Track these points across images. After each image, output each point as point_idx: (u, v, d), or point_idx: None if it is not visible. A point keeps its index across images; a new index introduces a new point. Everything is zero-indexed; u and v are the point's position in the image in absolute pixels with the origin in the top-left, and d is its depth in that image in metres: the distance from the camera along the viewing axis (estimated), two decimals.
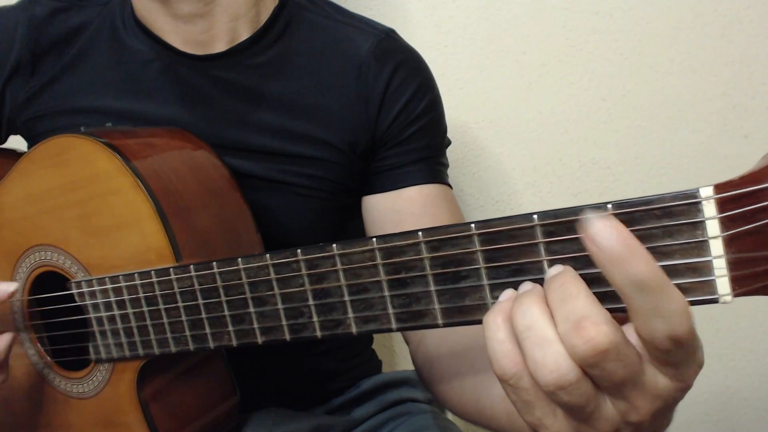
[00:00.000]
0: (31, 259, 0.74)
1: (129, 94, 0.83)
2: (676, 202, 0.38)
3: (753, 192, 0.37)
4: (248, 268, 0.54)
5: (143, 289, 0.62)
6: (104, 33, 0.85)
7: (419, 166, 0.84)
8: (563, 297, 0.38)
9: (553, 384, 0.38)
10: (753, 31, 1.21)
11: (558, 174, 1.30)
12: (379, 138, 0.84)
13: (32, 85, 0.84)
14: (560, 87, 1.26)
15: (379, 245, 0.46)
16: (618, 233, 0.35)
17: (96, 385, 0.72)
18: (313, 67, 0.84)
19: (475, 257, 0.43)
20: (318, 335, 0.51)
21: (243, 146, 0.81)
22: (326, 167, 0.83)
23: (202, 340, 0.59)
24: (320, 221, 0.85)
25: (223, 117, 0.82)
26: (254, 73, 0.83)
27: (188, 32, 0.81)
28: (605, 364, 0.37)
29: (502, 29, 1.25)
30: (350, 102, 0.83)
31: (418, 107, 0.84)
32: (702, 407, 1.39)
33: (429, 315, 0.46)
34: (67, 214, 0.71)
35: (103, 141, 0.68)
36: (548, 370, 0.38)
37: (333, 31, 0.86)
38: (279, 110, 0.82)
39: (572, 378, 0.38)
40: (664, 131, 1.26)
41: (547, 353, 0.38)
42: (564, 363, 0.38)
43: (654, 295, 0.36)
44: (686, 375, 0.39)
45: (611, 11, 1.23)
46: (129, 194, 0.66)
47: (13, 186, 0.76)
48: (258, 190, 0.80)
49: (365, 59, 0.83)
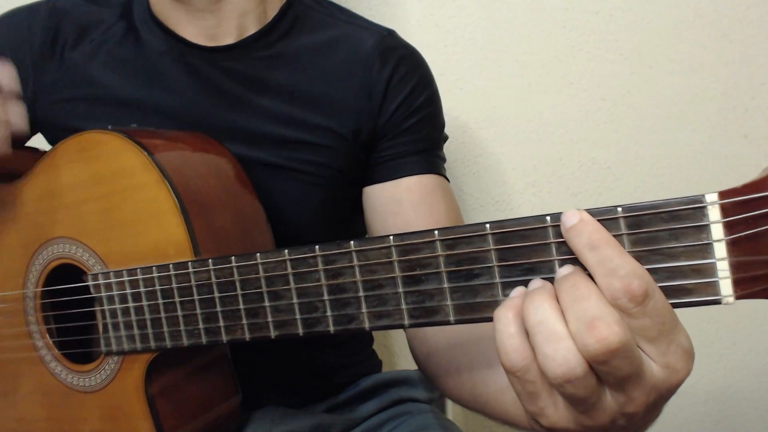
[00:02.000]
0: (49, 251, 0.76)
1: (143, 84, 0.86)
2: (682, 206, 0.40)
3: (756, 199, 0.39)
4: (266, 263, 0.55)
5: (160, 282, 0.63)
6: (123, 26, 0.89)
7: (417, 157, 0.87)
8: (575, 297, 0.41)
9: (561, 377, 0.41)
10: (753, 31, 1.22)
11: (558, 174, 1.30)
12: (381, 129, 0.87)
13: (52, 73, 0.88)
14: (560, 87, 1.27)
15: (396, 243, 0.48)
16: (578, 214, 0.41)
17: (103, 379, 0.73)
18: (318, 59, 0.87)
19: (489, 256, 0.45)
20: (331, 330, 0.53)
21: (250, 133, 0.84)
22: (331, 155, 0.85)
23: (216, 333, 0.60)
24: (325, 210, 0.87)
25: (230, 104, 0.85)
26: (261, 63, 0.86)
27: (199, 26, 0.85)
28: (614, 361, 0.40)
29: (502, 29, 1.26)
30: (355, 92, 0.86)
31: (417, 100, 0.88)
32: (702, 407, 1.40)
33: (441, 312, 0.47)
34: (90, 208, 0.72)
35: (129, 137, 0.70)
36: (557, 363, 0.40)
37: (338, 28, 0.90)
38: (285, 98, 0.85)
39: (580, 372, 0.40)
40: (664, 131, 1.26)
41: (557, 348, 0.41)
42: (573, 358, 0.40)
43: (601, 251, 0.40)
44: (672, 358, 0.41)
45: (611, 11, 1.23)
46: (153, 189, 0.67)
47: (38, 180, 0.77)
48: (263, 176, 0.82)
49: (370, 54, 0.87)
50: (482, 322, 0.46)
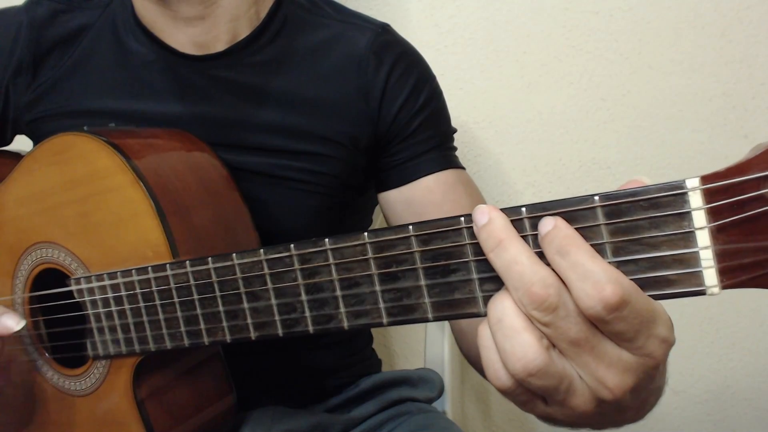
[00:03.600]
0: (33, 256, 0.75)
1: (131, 95, 0.83)
2: (662, 193, 0.38)
3: (740, 183, 0.37)
4: (242, 264, 0.54)
5: (140, 285, 0.63)
6: (106, 35, 0.85)
7: (431, 155, 0.85)
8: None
9: (521, 371, 0.40)
10: (753, 31, 1.21)
11: (558, 174, 1.30)
12: (384, 133, 0.85)
13: (35, 87, 0.85)
14: (560, 87, 1.26)
15: (371, 239, 0.46)
16: (552, 221, 0.40)
17: (93, 383, 0.72)
18: (311, 62, 0.84)
19: (465, 250, 0.43)
20: (310, 330, 0.51)
21: (244, 144, 0.82)
22: (327, 163, 0.83)
23: (197, 335, 0.60)
24: (320, 218, 0.85)
25: (223, 116, 0.82)
26: (253, 71, 0.83)
27: (189, 34, 0.82)
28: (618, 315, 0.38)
29: (502, 29, 1.25)
30: (350, 95, 0.84)
31: (419, 99, 0.85)
32: (702, 407, 1.39)
33: (419, 309, 0.46)
34: (68, 211, 0.71)
35: (103, 139, 0.69)
36: (516, 358, 0.40)
37: (330, 28, 0.86)
38: (279, 107, 0.83)
39: (540, 363, 0.39)
40: (664, 131, 1.26)
41: (515, 343, 0.40)
42: (530, 350, 0.39)
43: (571, 258, 0.39)
44: (649, 349, 0.40)
45: (611, 11, 1.23)
46: (128, 191, 0.66)
47: (16, 184, 0.77)
48: (259, 187, 0.81)
49: (364, 54, 0.84)
50: (461, 318, 0.45)
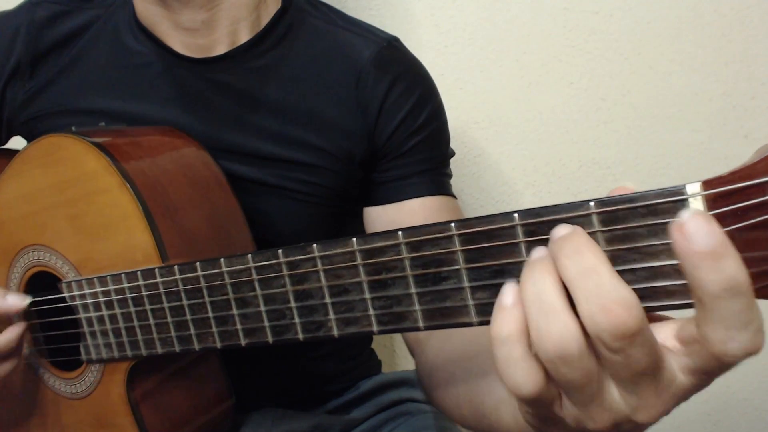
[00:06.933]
0: (26, 259, 0.74)
1: (128, 96, 0.83)
2: (661, 199, 0.36)
3: (744, 188, 0.34)
4: (231, 270, 0.53)
5: (130, 290, 0.62)
6: (105, 34, 0.85)
7: (422, 178, 0.83)
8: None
9: (554, 352, 0.36)
10: (753, 31, 1.20)
11: (558, 174, 1.29)
12: (379, 149, 0.83)
13: (31, 87, 0.84)
14: (560, 87, 1.25)
15: (360, 246, 0.45)
16: (717, 231, 0.32)
17: (88, 386, 0.72)
18: (312, 71, 0.83)
19: (456, 258, 0.42)
20: (300, 337, 0.50)
21: (239, 149, 0.81)
22: (321, 174, 0.82)
23: (187, 341, 0.59)
24: (316, 226, 0.84)
25: (219, 120, 0.81)
26: (252, 76, 0.82)
27: (189, 37, 0.81)
28: (630, 348, 0.35)
29: (502, 29, 1.24)
30: (348, 109, 0.82)
31: (418, 119, 0.83)
32: (702, 407, 1.39)
33: (410, 317, 0.44)
34: (58, 214, 0.70)
35: (91, 140, 0.68)
36: (551, 339, 0.35)
37: (334, 36, 0.85)
38: (276, 114, 0.81)
39: (576, 349, 0.35)
40: (664, 131, 1.25)
41: (552, 321, 0.36)
42: (568, 333, 0.35)
43: (744, 299, 0.32)
44: (714, 378, 0.37)
45: (611, 11, 1.22)
46: (116, 194, 0.65)
47: (7, 186, 0.76)
48: (253, 194, 0.80)
49: (365, 67, 0.82)
50: (453, 327, 0.43)
